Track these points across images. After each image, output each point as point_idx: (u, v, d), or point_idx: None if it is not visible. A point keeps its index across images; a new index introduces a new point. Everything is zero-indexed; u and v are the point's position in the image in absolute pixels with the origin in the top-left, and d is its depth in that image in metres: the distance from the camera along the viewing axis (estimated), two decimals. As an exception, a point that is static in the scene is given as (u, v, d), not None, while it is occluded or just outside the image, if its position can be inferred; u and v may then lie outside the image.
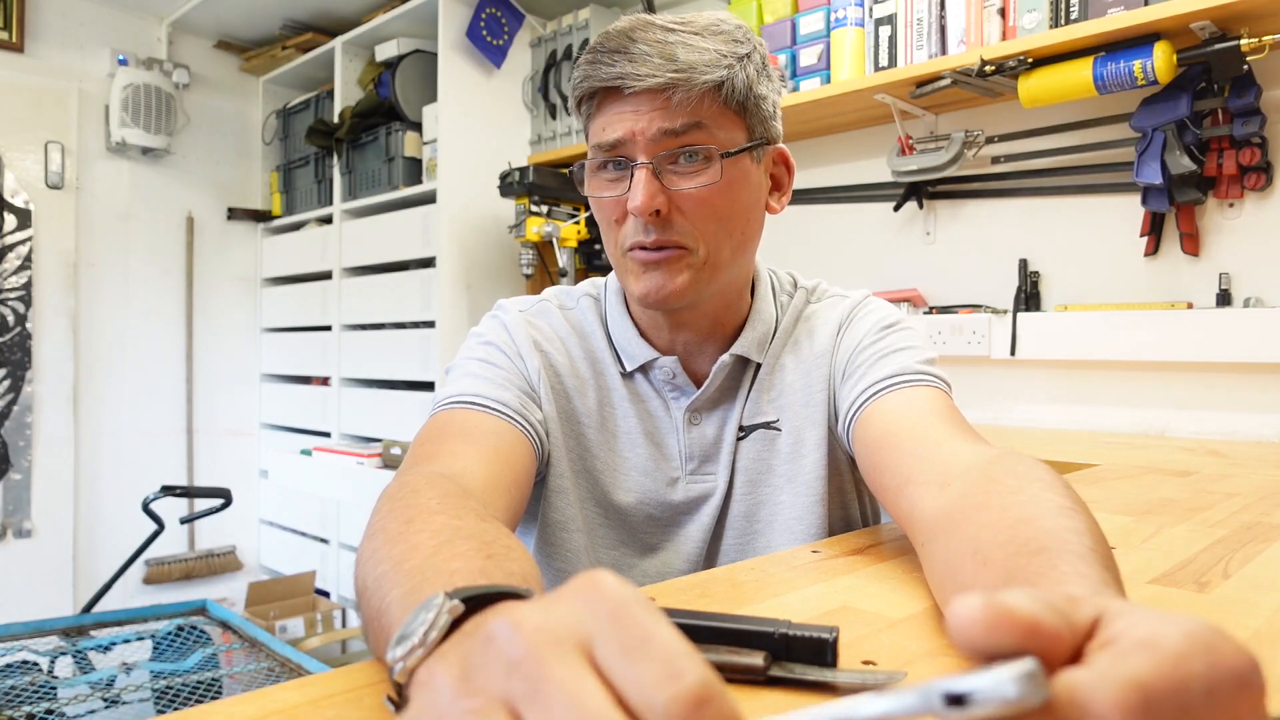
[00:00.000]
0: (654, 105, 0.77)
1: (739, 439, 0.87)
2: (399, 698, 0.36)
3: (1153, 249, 1.83)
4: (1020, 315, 1.95)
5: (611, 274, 0.94)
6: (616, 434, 0.88)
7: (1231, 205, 1.73)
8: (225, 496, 2.22)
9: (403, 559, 0.47)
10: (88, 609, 2.10)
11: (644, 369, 0.89)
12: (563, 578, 0.85)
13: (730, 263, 0.83)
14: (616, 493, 0.87)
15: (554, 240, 2.54)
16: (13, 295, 3.01)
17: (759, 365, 0.88)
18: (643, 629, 0.25)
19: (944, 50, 1.91)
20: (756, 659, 0.44)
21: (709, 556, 0.88)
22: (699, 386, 0.87)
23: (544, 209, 2.57)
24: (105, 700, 1.56)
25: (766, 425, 0.87)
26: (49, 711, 1.51)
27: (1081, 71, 1.70)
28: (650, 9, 2.45)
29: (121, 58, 3.22)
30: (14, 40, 3.01)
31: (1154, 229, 1.82)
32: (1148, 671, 0.23)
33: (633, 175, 0.78)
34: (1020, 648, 0.26)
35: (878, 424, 0.76)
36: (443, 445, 0.72)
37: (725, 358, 0.86)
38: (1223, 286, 1.72)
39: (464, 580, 0.42)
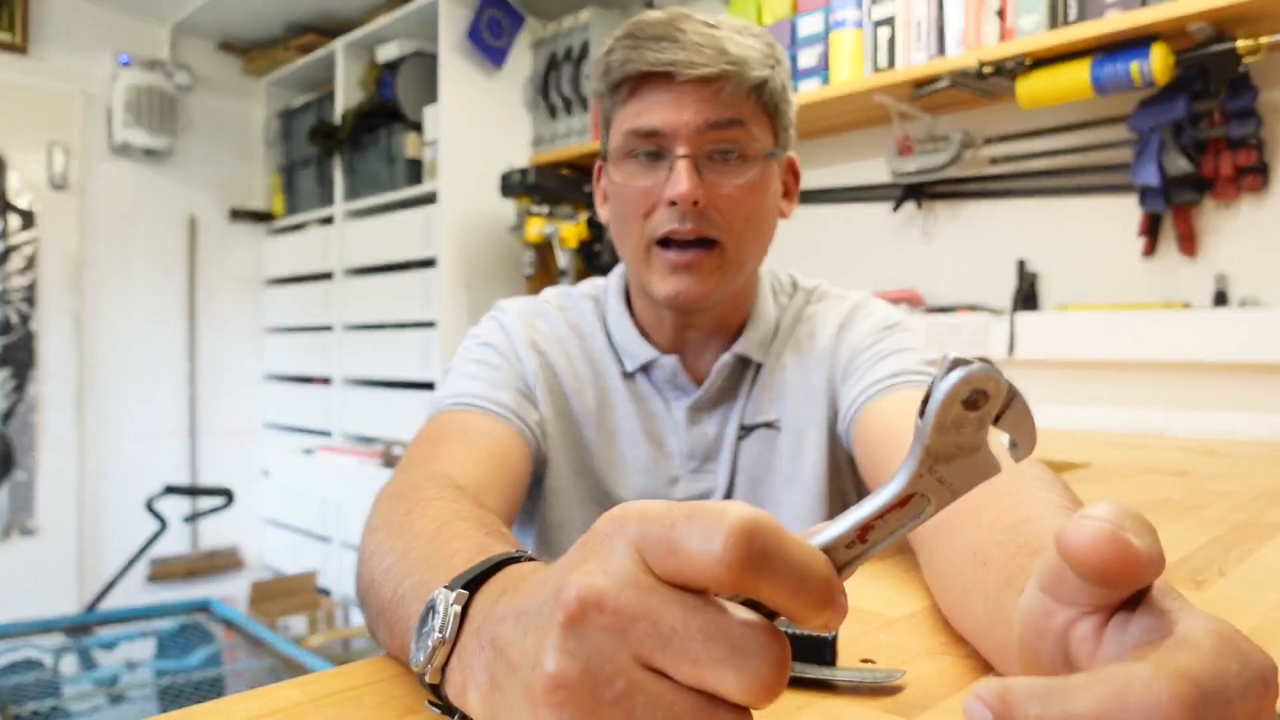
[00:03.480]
0: (700, 96, 0.77)
1: (740, 438, 0.87)
2: (439, 699, 0.36)
3: (1150, 250, 1.83)
4: (1018, 315, 1.96)
5: (612, 274, 0.94)
6: (616, 433, 0.88)
7: (1228, 206, 1.74)
8: (227, 495, 2.23)
9: (407, 549, 0.48)
10: (92, 607, 2.11)
11: (645, 369, 0.89)
12: None
13: (750, 263, 0.84)
14: (617, 491, 0.87)
15: (555, 241, 2.55)
16: (17, 296, 3.02)
17: (760, 365, 0.89)
18: (677, 516, 0.27)
19: (942, 52, 1.92)
20: (754, 656, 0.44)
21: None
22: (699, 385, 0.88)
23: (545, 209, 2.57)
24: (109, 697, 1.57)
25: (767, 425, 0.87)
26: (54, 708, 1.52)
27: (1079, 73, 1.70)
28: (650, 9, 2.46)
29: (124, 59, 3.22)
30: (18, 42, 3.02)
31: (1151, 230, 1.82)
32: (1197, 667, 0.24)
33: (673, 165, 0.78)
34: (1118, 579, 0.26)
35: (878, 423, 0.77)
36: (438, 447, 0.72)
37: (726, 357, 0.86)
38: (1219, 287, 1.73)
39: (463, 561, 0.41)
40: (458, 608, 0.35)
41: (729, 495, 0.88)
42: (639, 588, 0.26)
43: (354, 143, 3.10)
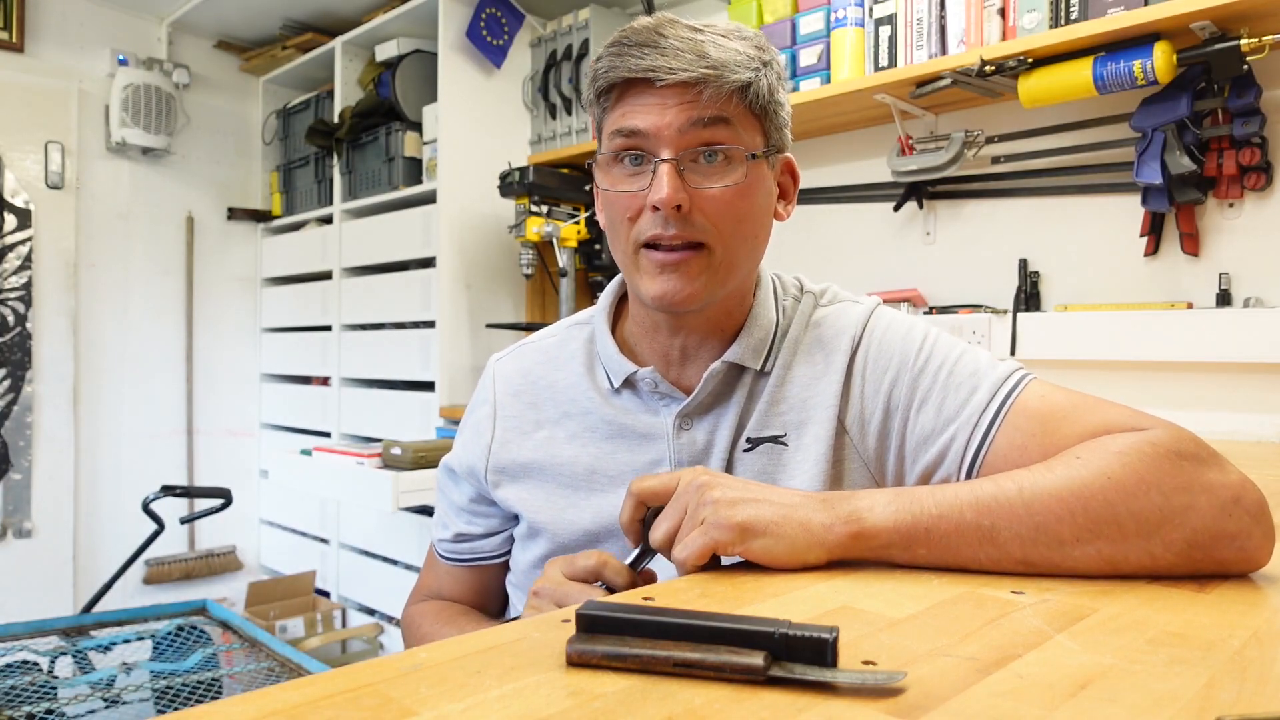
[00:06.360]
0: (682, 99, 0.77)
1: (746, 450, 0.86)
2: None
3: (1153, 249, 1.83)
4: (1020, 315, 1.95)
5: (603, 295, 0.95)
6: (599, 455, 0.88)
7: (1231, 205, 1.73)
8: (225, 496, 2.22)
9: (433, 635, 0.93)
10: (88, 609, 2.10)
11: (629, 383, 0.89)
12: None
13: (742, 266, 0.83)
14: (605, 513, 0.87)
15: (554, 240, 2.54)
16: (13, 295, 3.01)
17: (766, 373, 0.87)
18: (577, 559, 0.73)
19: (944, 50, 1.91)
20: (756, 659, 0.44)
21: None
22: (689, 392, 0.87)
23: (544, 209, 2.57)
24: (105, 700, 1.56)
25: (774, 439, 0.86)
26: (49, 711, 1.51)
27: (1081, 71, 1.70)
28: (649, 10, 2.45)
29: (122, 58, 3.22)
30: (14, 40, 3.01)
31: (1154, 229, 1.82)
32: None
33: (656, 169, 0.78)
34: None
35: (1034, 419, 0.75)
36: (425, 576, 1.06)
37: (716, 365, 0.85)
38: (1223, 286, 1.72)
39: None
40: None
41: None
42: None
43: (353, 142, 3.09)
